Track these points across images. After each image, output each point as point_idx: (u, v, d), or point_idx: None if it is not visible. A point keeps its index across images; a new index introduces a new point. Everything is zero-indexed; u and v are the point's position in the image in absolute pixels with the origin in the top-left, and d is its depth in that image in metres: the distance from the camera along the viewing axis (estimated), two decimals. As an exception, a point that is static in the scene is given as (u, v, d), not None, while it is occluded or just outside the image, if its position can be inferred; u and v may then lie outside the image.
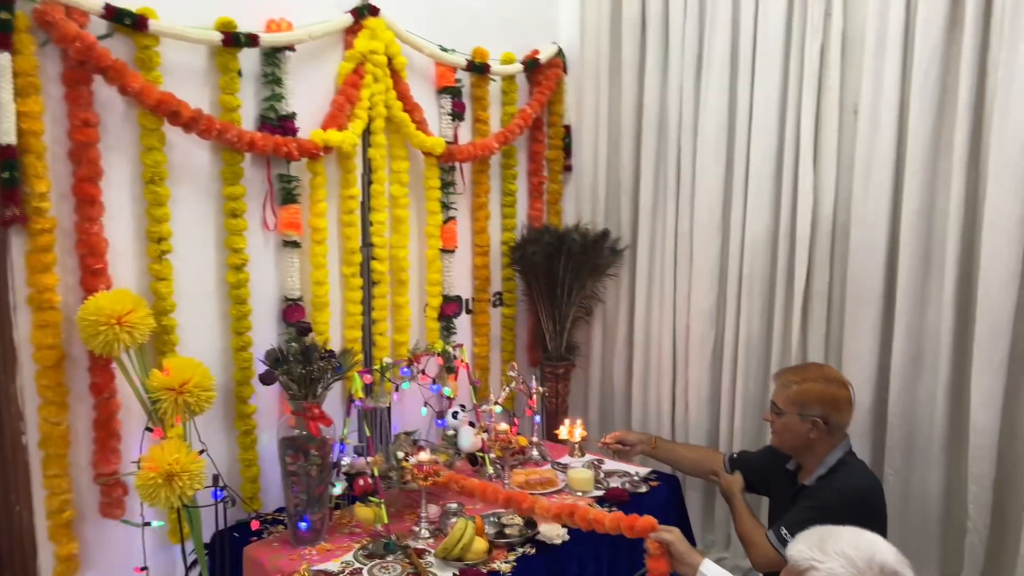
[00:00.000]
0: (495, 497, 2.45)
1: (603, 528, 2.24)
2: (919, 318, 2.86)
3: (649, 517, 2.16)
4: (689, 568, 2.07)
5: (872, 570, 1.46)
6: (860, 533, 1.56)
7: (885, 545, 1.53)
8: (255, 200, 2.58)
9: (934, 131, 2.75)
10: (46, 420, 2.12)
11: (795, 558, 1.54)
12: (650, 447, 2.99)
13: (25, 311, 2.08)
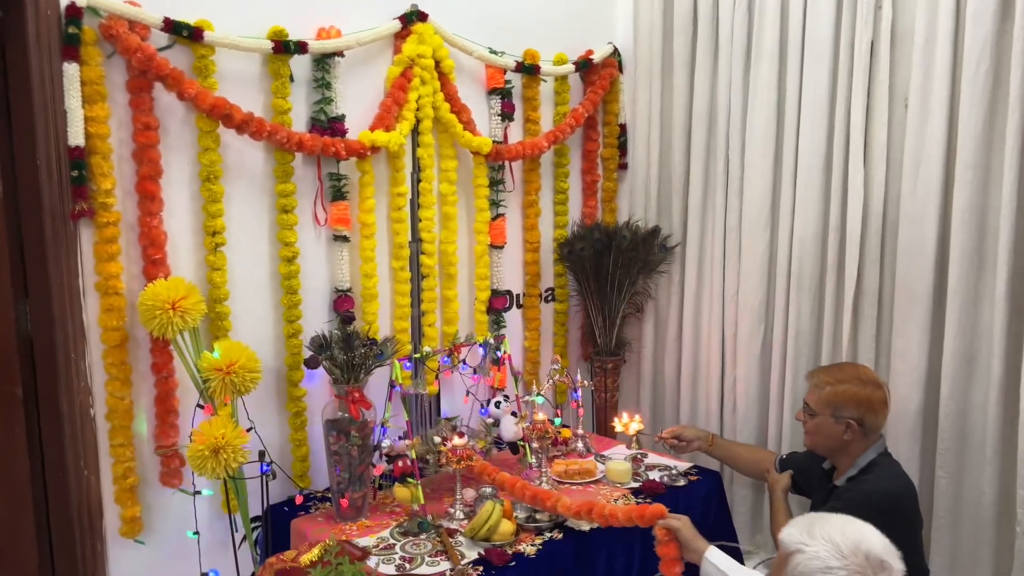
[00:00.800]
0: (522, 493, 2.55)
1: (618, 521, 2.31)
2: (971, 316, 2.77)
3: (659, 505, 2.22)
4: (695, 554, 2.12)
5: (856, 557, 1.48)
6: (850, 521, 1.59)
7: (874, 535, 1.54)
8: (306, 197, 2.75)
9: (985, 124, 2.68)
10: (112, 395, 2.34)
11: (784, 541, 1.58)
12: (707, 444, 3.01)
13: (93, 296, 2.32)
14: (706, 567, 2.12)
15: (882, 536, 1.54)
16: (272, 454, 2.58)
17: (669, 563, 2.16)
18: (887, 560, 1.49)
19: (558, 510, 2.45)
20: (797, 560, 1.52)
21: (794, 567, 1.52)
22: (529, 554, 2.43)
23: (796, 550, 1.54)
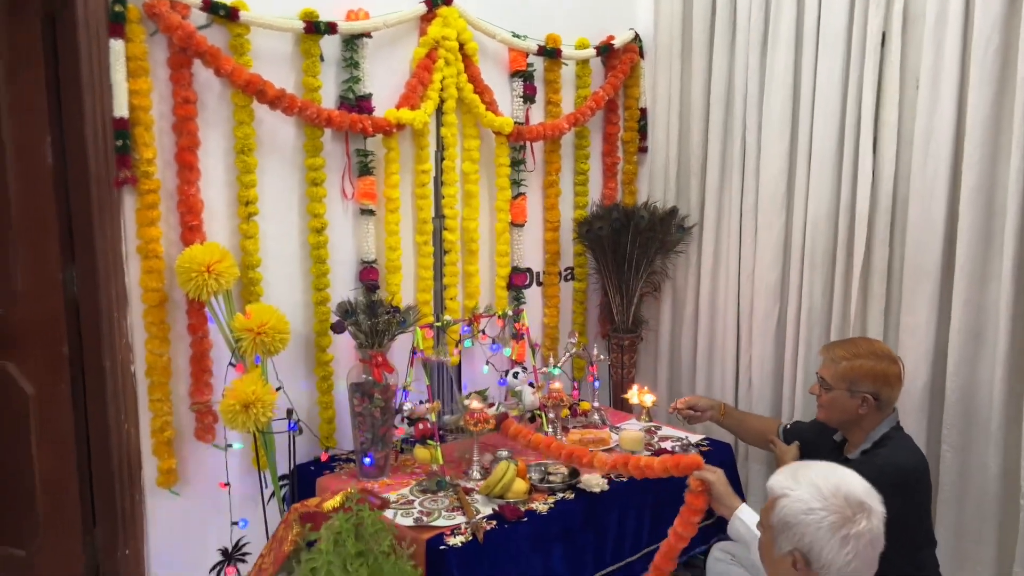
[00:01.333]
0: (558, 452, 2.65)
1: (654, 472, 2.40)
2: (978, 293, 2.83)
3: (696, 456, 2.32)
4: (727, 510, 2.21)
5: (837, 498, 1.57)
6: (833, 467, 1.68)
7: (855, 479, 1.63)
8: (335, 172, 2.89)
9: (994, 103, 2.73)
10: (151, 352, 2.50)
11: (771, 486, 1.67)
12: (719, 414, 3.05)
13: (135, 259, 2.47)
14: (735, 523, 2.20)
15: (863, 480, 1.63)
16: (300, 415, 2.74)
17: (691, 512, 2.23)
18: (867, 502, 1.57)
19: (594, 465, 2.55)
20: (782, 504, 1.61)
21: (780, 510, 1.61)
22: (541, 511, 2.55)
23: (782, 494, 1.63)
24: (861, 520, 1.54)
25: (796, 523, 1.57)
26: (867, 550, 1.55)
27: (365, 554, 2.10)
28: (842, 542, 1.53)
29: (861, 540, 1.54)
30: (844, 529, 1.53)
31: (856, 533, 1.53)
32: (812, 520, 1.55)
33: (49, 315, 2.59)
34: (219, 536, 2.72)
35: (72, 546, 2.70)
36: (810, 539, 1.55)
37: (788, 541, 1.59)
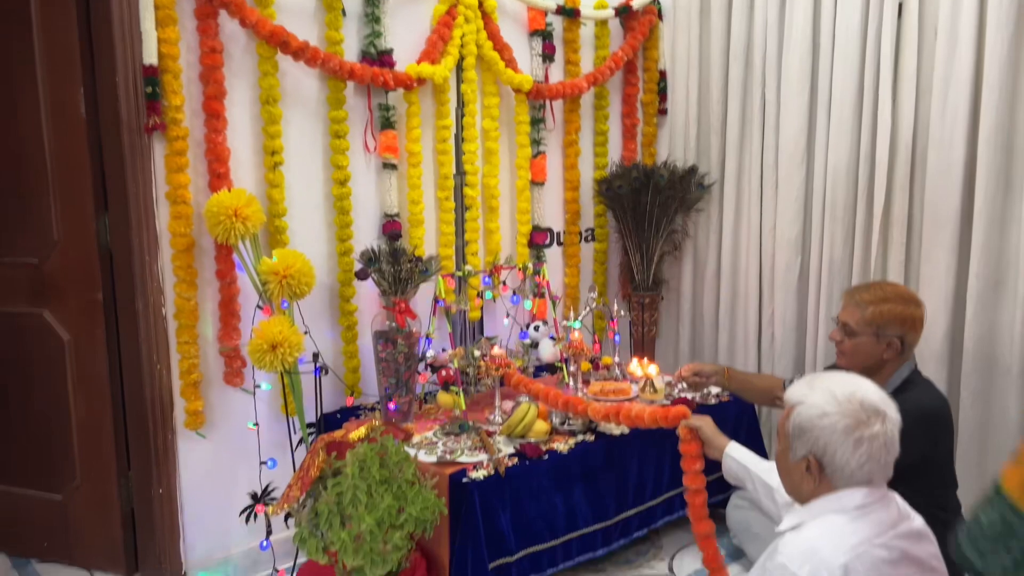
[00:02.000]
0: (555, 400, 2.70)
1: (644, 422, 2.44)
2: (998, 239, 2.83)
3: (681, 407, 2.35)
4: (716, 451, 2.23)
5: (852, 403, 1.58)
6: (848, 376, 1.69)
7: (870, 386, 1.64)
8: (357, 125, 2.95)
9: (1012, 47, 2.73)
10: (180, 296, 2.57)
11: (788, 397, 1.69)
12: (724, 378, 3.03)
13: (164, 205, 2.55)
14: (727, 462, 2.23)
15: (878, 388, 1.64)
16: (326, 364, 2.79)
17: (690, 460, 2.27)
18: (881, 407, 1.59)
19: (588, 413, 2.59)
20: (798, 411, 1.63)
21: (795, 417, 1.64)
22: (562, 451, 2.59)
23: (798, 402, 1.65)
24: (875, 424, 1.56)
25: (811, 427, 1.59)
26: (881, 453, 1.56)
27: (389, 481, 2.15)
28: (855, 444, 1.55)
29: (875, 443, 1.55)
30: (857, 432, 1.55)
31: (870, 435, 1.55)
32: (826, 424, 1.57)
33: (84, 263, 2.67)
34: (248, 480, 2.78)
35: (107, 489, 2.79)
36: (824, 442, 1.58)
37: (803, 446, 1.61)
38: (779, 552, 1.55)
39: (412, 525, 2.14)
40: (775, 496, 2.08)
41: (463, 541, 2.33)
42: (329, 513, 2.08)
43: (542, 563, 2.52)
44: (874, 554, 1.51)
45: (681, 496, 2.89)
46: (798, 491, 1.67)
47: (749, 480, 2.19)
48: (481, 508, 2.33)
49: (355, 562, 2.08)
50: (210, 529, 2.76)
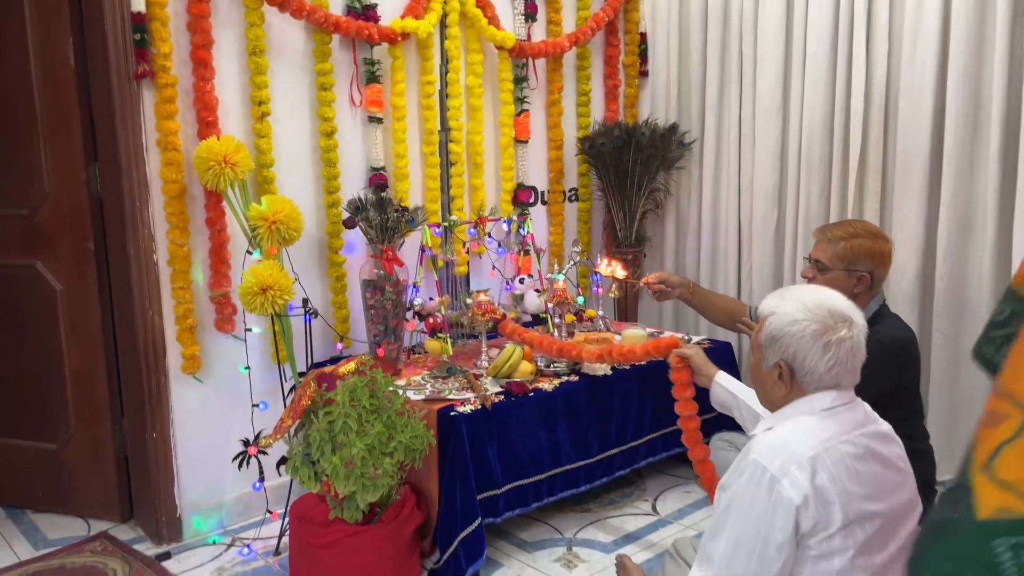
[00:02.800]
0: (550, 346, 2.77)
1: (635, 356, 2.53)
2: (967, 183, 2.91)
3: (673, 336, 2.43)
4: (706, 379, 2.31)
5: (820, 310, 1.65)
6: (816, 287, 1.77)
7: (839, 297, 1.71)
8: (343, 79, 3.00)
9: (978, -4, 2.81)
10: (172, 242, 2.62)
11: (761, 309, 1.76)
12: (688, 292, 3.00)
13: (154, 152, 2.59)
14: (716, 389, 2.30)
15: (846, 298, 1.72)
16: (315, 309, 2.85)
17: (681, 388, 2.35)
18: (848, 314, 1.67)
19: (583, 356, 2.67)
20: (770, 321, 1.71)
21: (767, 327, 1.71)
22: (547, 389, 2.67)
23: (770, 313, 1.72)
24: (842, 329, 1.63)
25: (782, 335, 1.66)
26: (848, 357, 1.64)
27: (379, 411, 2.22)
28: (824, 348, 1.62)
29: (842, 347, 1.63)
30: (826, 336, 1.62)
31: (837, 340, 1.62)
32: (796, 330, 1.64)
33: (75, 212, 2.72)
34: (240, 426, 2.83)
35: (102, 435, 2.84)
36: (794, 348, 1.65)
37: (775, 354, 1.68)
38: (752, 450, 1.62)
39: (402, 453, 2.21)
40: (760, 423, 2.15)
41: (452, 473, 2.40)
42: (321, 441, 2.15)
43: (527, 497, 2.60)
44: (841, 449, 1.58)
45: (663, 439, 3.00)
46: (771, 399, 1.74)
47: (736, 408, 2.26)
48: (469, 440, 2.40)
49: (347, 488, 2.15)
50: (204, 474, 2.82)
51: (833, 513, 1.53)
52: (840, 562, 1.54)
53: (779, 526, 1.53)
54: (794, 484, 1.53)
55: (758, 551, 1.55)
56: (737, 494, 1.61)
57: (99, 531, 2.84)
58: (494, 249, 3.26)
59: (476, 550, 2.41)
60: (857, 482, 1.56)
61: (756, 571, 1.56)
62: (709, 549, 1.65)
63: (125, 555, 2.66)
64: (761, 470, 1.57)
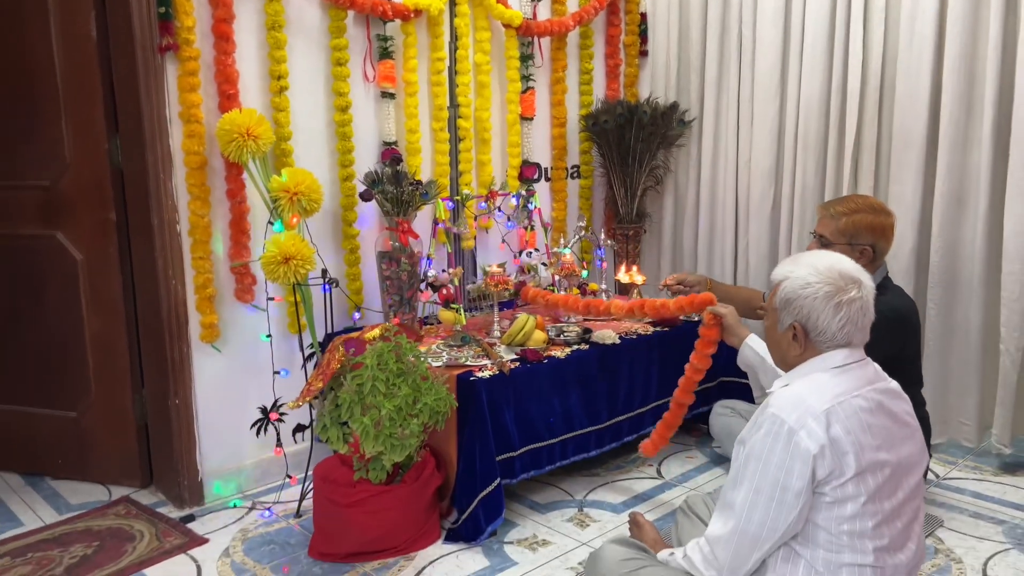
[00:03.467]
0: (575, 305, 2.88)
1: (669, 311, 2.66)
2: (960, 157, 3.04)
3: (708, 294, 2.55)
4: (737, 339, 2.44)
5: (831, 273, 1.76)
6: (826, 252, 1.87)
7: (847, 260, 1.82)
8: (357, 55, 3.06)
9: (975, -24, 2.92)
10: (194, 213, 2.68)
11: (774, 275, 1.86)
12: (706, 288, 3.22)
13: (177, 124, 2.65)
14: (745, 350, 2.42)
15: (854, 262, 1.82)
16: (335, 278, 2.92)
17: (706, 343, 2.47)
18: (857, 276, 1.77)
19: (611, 311, 2.78)
20: (784, 285, 1.81)
21: (781, 291, 1.81)
22: (560, 357, 2.76)
23: (783, 278, 1.82)
24: (852, 289, 1.74)
25: (796, 298, 1.77)
26: (858, 316, 1.75)
27: (405, 374, 2.30)
28: (835, 308, 1.73)
29: (853, 306, 1.73)
30: (837, 297, 1.73)
31: (848, 300, 1.73)
32: (809, 293, 1.75)
33: (96, 183, 2.77)
34: (259, 394, 2.91)
35: (123, 404, 2.91)
36: (808, 309, 1.75)
37: (789, 315, 1.78)
38: (770, 405, 1.73)
39: (427, 414, 2.30)
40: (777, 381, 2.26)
41: (471, 435, 2.49)
42: (351, 402, 2.23)
43: (541, 460, 2.70)
44: (853, 403, 1.69)
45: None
46: (785, 358, 1.85)
47: (763, 370, 2.37)
48: (488, 404, 2.50)
49: (375, 448, 2.23)
50: (223, 441, 2.89)
51: (847, 462, 1.64)
52: (852, 508, 1.65)
53: (797, 474, 1.64)
54: (811, 435, 1.64)
55: (777, 498, 1.66)
56: (756, 446, 1.71)
57: (120, 496, 2.91)
58: (504, 223, 3.35)
59: (495, 509, 2.51)
60: (869, 433, 1.67)
61: (775, 517, 1.67)
62: (729, 498, 1.76)
63: (149, 518, 2.73)
64: (780, 423, 1.67)
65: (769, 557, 1.75)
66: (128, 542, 2.57)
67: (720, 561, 1.78)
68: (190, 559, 2.48)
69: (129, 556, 2.48)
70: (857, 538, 1.66)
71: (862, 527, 1.66)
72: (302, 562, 2.44)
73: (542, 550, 2.49)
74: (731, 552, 1.75)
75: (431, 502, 2.54)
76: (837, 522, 1.66)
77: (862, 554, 1.67)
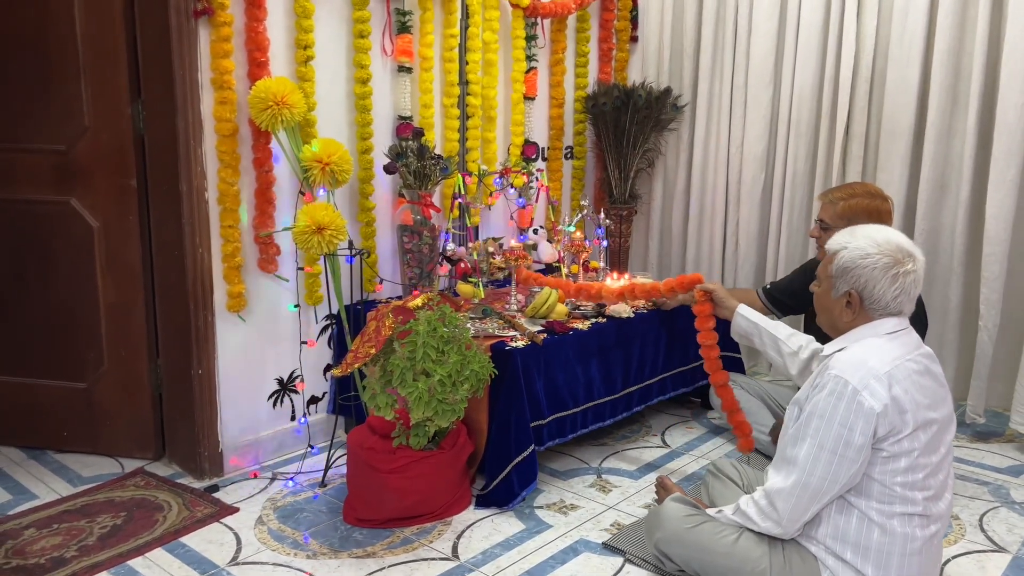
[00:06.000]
0: (567, 288, 2.95)
1: (659, 292, 2.76)
2: (945, 147, 3.25)
3: (697, 274, 2.67)
4: (728, 311, 2.57)
5: (890, 245, 1.88)
6: (881, 226, 1.99)
7: (901, 235, 1.95)
8: (376, 29, 3.06)
9: (965, -25, 3.12)
10: (223, 180, 2.65)
11: (830, 246, 1.97)
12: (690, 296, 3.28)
13: (208, 91, 2.61)
14: (737, 320, 2.55)
15: (907, 238, 1.96)
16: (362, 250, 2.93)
17: (704, 319, 2.60)
18: (912, 250, 1.90)
19: (602, 294, 2.87)
20: (841, 255, 1.92)
21: (839, 260, 1.92)
22: (583, 328, 2.85)
23: (840, 248, 1.94)
24: (909, 262, 1.87)
25: (854, 267, 1.89)
26: (912, 288, 1.89)
27: (453, 341, 2.35)
28: (892, 279, 1.86)
29: (907, 278, 1.87)
30: (895, 269, 1.86)
31: (904, 272, 1.86)
32: (868, 263, 1.87)
33: (117, 149, 2.71)
34: (277, 365, 2.92)
35: (138, 373, 2.86)
36: (865, 279, 1.88)
37: (845, 283, 1.91)
38: (831, 368, 1.86)
39: (473, 381, 2.36)
40: (780, 346, 2.40)
41: (507, 402, 2.56)
42: (403, 369, 2.27)
43: (565, 428, 2.79)
44: (908, 366, 1.84)
45: (672, 378, 3.25)
46: (836, 324, 1.97)
47: (758, 335, 2.50)
48: (523, 372, 2.57)
49: (425, 413, 2.28)
50: (242, 411, 2.87)
51: (906, 420, 1.78)
52: (906, 462, 1.80)
53: (860, 431, 1.78)
54: (874, 395, 1.77)
55: (840, 453, 1.80)
56: (819, 405, 1.84)
57: (134, 468, 2.86)
58: (515, 200, 3.41)
59: (530, 475, 2.59)
60: (921, 393, 1.82)
61: (836, 471, 1.81)
62: (790, 454, 1.88)
63: (172, 488, 2.70)
64: (843, 383, 1.80)
65: (823, 509, 1.88)
66: (157, 511, 2.54)
67: (780, 513, 1.90)
68: (225, 527, 2.47)
69: (162, 525, 2.45)
70: (909, 489, 1.81)
71: (913, 479, 1.81)
72: (340, 528, 2.47)
73: (572, 513, 2.58)
74: (792, 504, 1.88)
75: (464, 469, 2.60)
76: (891, 475, 1.81)
77: (912, 504, 1.82)
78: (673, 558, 2.11)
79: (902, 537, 1.82)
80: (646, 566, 2.24)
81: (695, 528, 2.04)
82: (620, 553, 2.32)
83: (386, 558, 2.30)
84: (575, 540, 2.41)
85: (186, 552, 2.32)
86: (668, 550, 2.11)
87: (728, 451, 3.09)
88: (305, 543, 2.37)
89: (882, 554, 1.83)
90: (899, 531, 1.82)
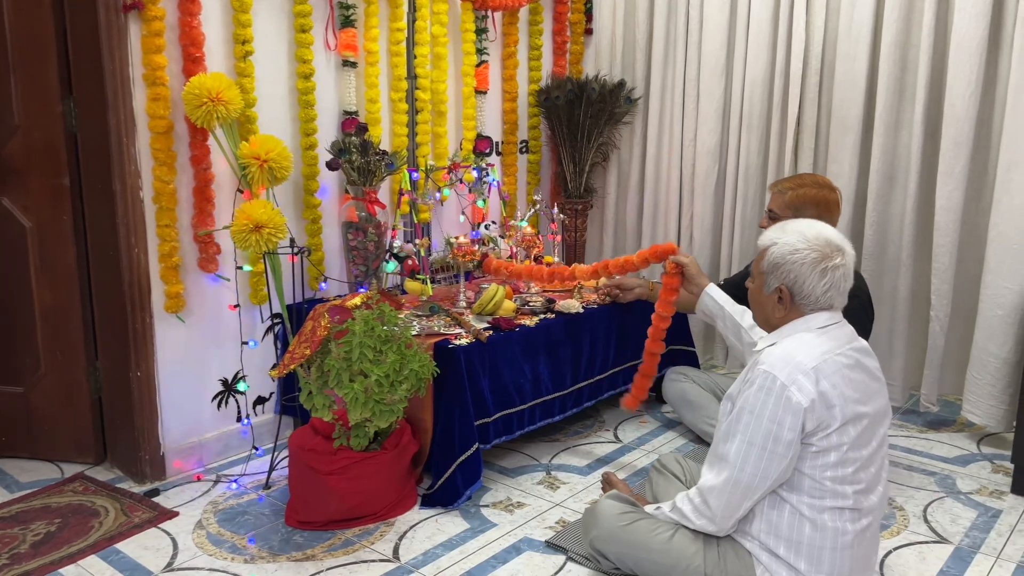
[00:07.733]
0: (540, 274, 2.94)
1: (633, 265, 2.73)
2: (893, 140, 3.26)
3: (671, 243, 2.65)
4: (697, 288, 2.55)
5: (819, 240, 1.87)
6: (811, 220, 1.99)
7: (832, 229, 1.94)
8: (319, 24, 3.01)
9: (910, -32, 3.12)
10: (158, 179, 2.60)
11: (761, 241, 1.97)
12: (647, 290, 3.20)
13: (140, 87, 2.55)
14: (704, 299, 2.54)
15: (838, 231, 1.96)
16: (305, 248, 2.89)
17: (669, 292, 2.56)
18: (841, 244, 1.90)
19: (576, 275, 2.85)
20: (772, 250, 1.92)
21: (769, 256, 1.92)
22: (530, 325, 2.83)
23: (771, 243, 1.94)
24: (837, 257, 1.86)
25: (784, 263, 1.88)
26: (841, 282, 1.88)
27: (391, 341, 2.32)
28: (821, 274, 1.85)
29: (836, 273, 1.86)
30: (823, 263, 1.85)
31: (833, 267, 1.86)
32: (797, 258, 1.86)
33: (48, 147, 2.64)
34: (220, 366, 2.87)
35: (76, 377, 2.80)
36: (795, 274, 1.87)
37: (776, 279, 1.90)
38: (761, 362, 1.85)
39: (413, 380, 2.33)
40: (741, 334, 2.40)
41: (450, 401, 2.53)
42: (339, 370, 2.23)
43: (512, 425, 2.77)
44: (837, 360, 1.83)
45: (622, 373, 3.23)
46: (769, 319, 1.96)
47: (721, 317, 2.49)
48: (467, 370, 2.54)
49: (363, 414, 2.25)
50: (184, 413, 2.82)
51: (834, 414, 1.77)
52: (835, 456, 1.79)
53: (788, 426, 1.77)
54: (802, 390, 1.76)
55: (769, 449, 1.78)
56: (749, 401, 1.83)
57: (74, 473, 2.81)
58: (465, 196, 3.37)
59: (474, 473, 2.57)
60: (850, 387, 1.81)
61: (767, 467, 1.80)
62: (722, 451, 1.87)
63: (111, 493, 2.65)
64: (771, 379, 1.79)
65: (756, 505, 1.88)
66: (93, 518, 2.49)
67: (713, 510, 1.89)
68: (163, 532, 2.43)
69: (97, 532, 2.41)
70: (839, 483, 1.80)
71: (843, 473, 1.81)
72: (281, 531, 2.43)
73: (518, 511, 2.56)
74: (724, 501, 1.87)
75: (408, 468, 2.57)
76: (821, 469, 1.80)
77: (842, 498, 1.81)
78: (609, 556, 2.10)
79: (833, 531, 1.81)
80: (588, 564, 2.22)
81: (630, 526, 2.03)
82: (563, 551, 2.31)
83: (325, 560, 2.26)
84: (519, 539, 2.39)
85: (120, 559, 2.28)
86: (604, 548, 2.10)
87: (679, 445, 3.09)
88: (250, 545, 2.33)
89: (814, 548, 1.82)
90: (830, 525, 1.81)
